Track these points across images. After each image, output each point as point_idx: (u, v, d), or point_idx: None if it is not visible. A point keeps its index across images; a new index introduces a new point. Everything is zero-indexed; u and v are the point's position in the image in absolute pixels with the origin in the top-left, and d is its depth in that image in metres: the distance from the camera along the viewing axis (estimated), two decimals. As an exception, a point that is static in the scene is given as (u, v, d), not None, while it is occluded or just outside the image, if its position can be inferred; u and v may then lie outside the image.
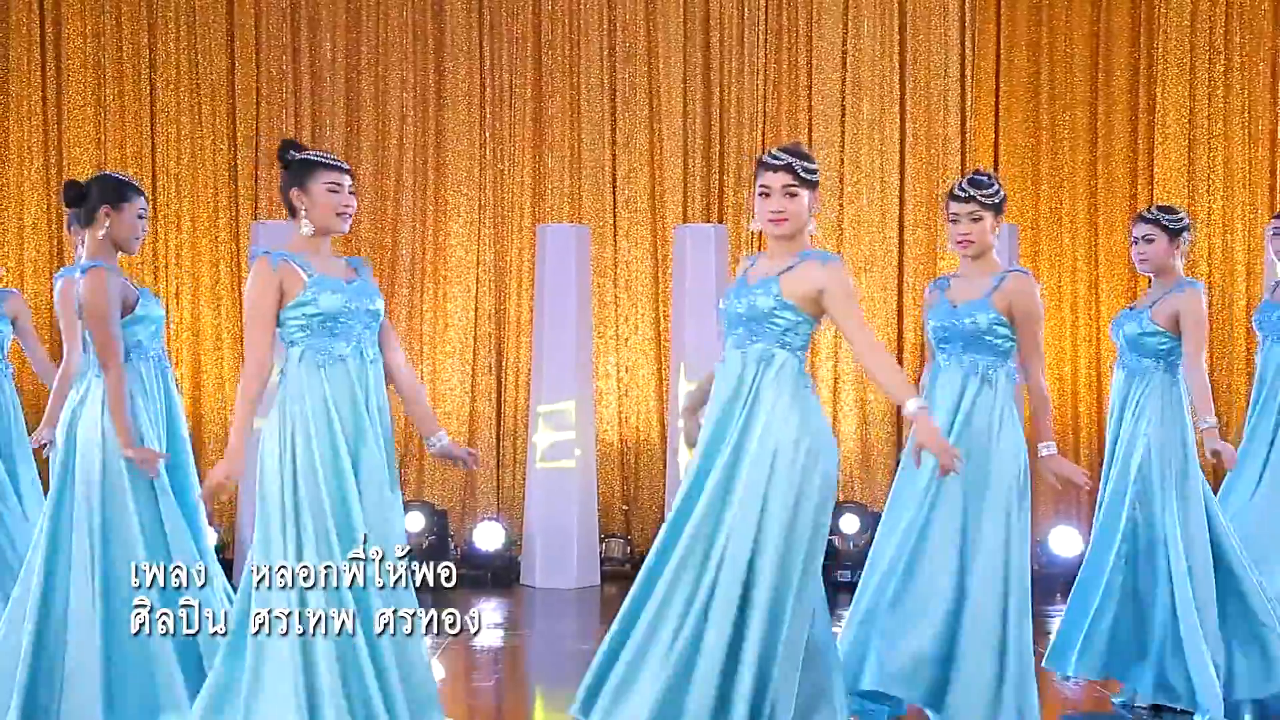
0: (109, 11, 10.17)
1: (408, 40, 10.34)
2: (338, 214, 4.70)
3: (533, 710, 6.43)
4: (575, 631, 8.07)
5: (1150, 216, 5.81)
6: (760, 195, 4.60)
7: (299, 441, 4.58)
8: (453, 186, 10.29)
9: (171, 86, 10.21)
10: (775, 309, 4.52)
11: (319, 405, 4.59)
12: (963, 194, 5.11)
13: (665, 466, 9.76)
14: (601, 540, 9.70)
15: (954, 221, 5.14)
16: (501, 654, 7.44)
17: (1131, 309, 5.91)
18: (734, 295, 4.62)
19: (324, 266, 4.69)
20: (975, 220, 5.10)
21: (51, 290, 9.59)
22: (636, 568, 9.63)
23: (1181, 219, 5.80)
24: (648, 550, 10.00)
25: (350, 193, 4.73)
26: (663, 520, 9.57)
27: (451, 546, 9.60)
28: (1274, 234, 6.61)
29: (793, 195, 4.57)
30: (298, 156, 4.72)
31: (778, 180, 4.57)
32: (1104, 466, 5.93)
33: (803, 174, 4.57)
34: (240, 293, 9.50)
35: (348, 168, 4.79)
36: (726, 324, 4.63)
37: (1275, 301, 6.65)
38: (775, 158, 4.60)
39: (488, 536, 9.54)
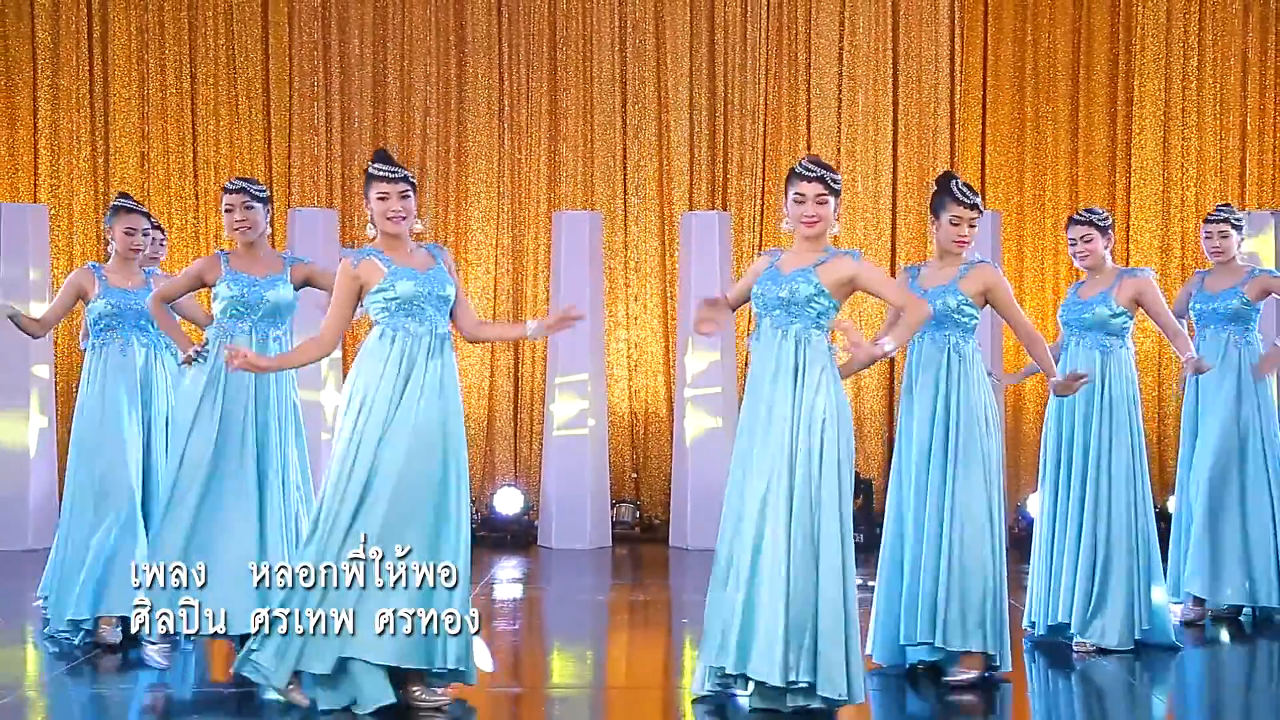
0: (152, 10, 10.81)
1: (431, 38, 10.95)
2: (387, 219, 5.35)
3: (550, 653, 7.07)
4: (589, 587, 8.72)
5: (1084, 218, 6.55)
6: (795, 201, 5.35)
7: (364, 398, 5.26)
8: (473, 175, 10.93)
9: (210, 80, 10.85)
10: (814, 295, 5.28)
11: (391, 370, 5.26)
12: (970, 202, 5.79)
13: (672, 436, 10.39)
14: (613, 505, 10.33)
15: (955, 225, 5.80)
16: (521, 605, 8.16)
17: (1084, 298, 6.58)
18: (771, 282, 5.34)
19: (403, 259, 5.36)
20: (973, 226, 5.83)
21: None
22: (645, 531, 10.47)
23: (1108, 216, 6.57)
24: (656, 514, 10.71)
25: (402, 196, 5.32)
26: (669, 486, 10.26)
27: (473, 511, 10.28)
28: (1208, 235, 7.23)
29: (823, 203, 5.33)
30: (367, 170, 5.39)
31: (812, 189, 5.33)
32: (1071, 434, 6.61)
33: (833, 184, 5.35)
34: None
35: (397, 176, 5.33)
36: (763, 307, 5.35)
37: (1206, 292, 7.24)
38: (809, 169, 5.36)
39: (507, 501, 10.20)
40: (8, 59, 10.76)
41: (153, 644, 6.06)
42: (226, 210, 6.08)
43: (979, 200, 5.86)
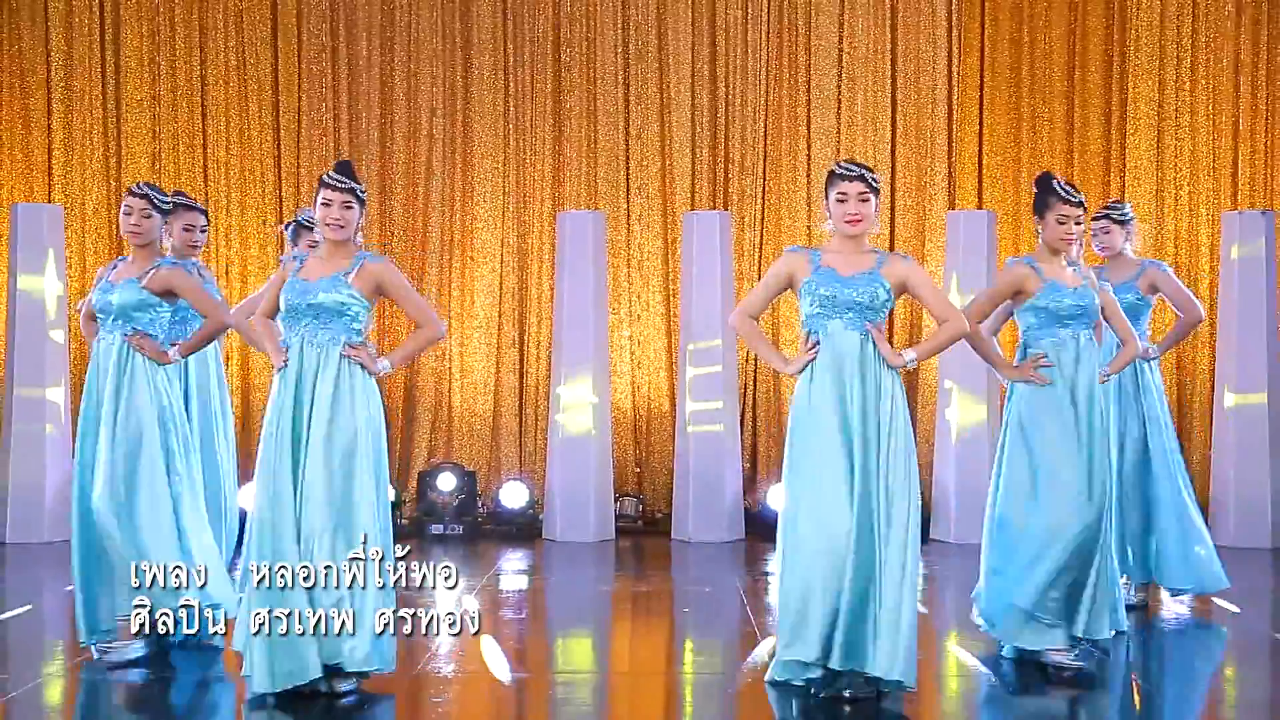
0: (163, 13, 11.02)
1: (437, 40, 11.15)
2: (326, 224, 5.62)
3: (555, 641, 7.25)
4: (593, 578, 8.88)
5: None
6: (837, 201, 5.53)
7: (269, 409, 5.60)
8: (479, 175, 11.13)
9: (220, 82, 11.06)
10: (887, 298, 5.52)
11: (280, 380, 5.56)
12: (1077, 200, 5.97)
13: (674, 431, 10.56)
14: (616, 499, 10.48)
15: (1062, 223, 5.93)
16: (526, 595, 8.34)
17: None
18: (836, 284, 5.50)
19: (316, 270, 5.61)
20: (1079, 224, 6.00)
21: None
22: (648, 524, 10.65)
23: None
24: (658, 508, 10.88)
25: (344, 206, 5.57)
26: (671, 481, 10.44)
27: (479, 504, 10.49)
28: (1094, 232, 7.38)
29: (865, 200, 5.52)
30: (321, 176, 5.65)
31: (854, 188, 5.52)
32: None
33: (874, 183, 5.55)
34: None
35: (343, 187, 5.58)
36: (834, 308, 5.50)
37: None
38: (849, 169, 5.54)
39: (513, 495, 10.39)
40: (22, 62, 10.96)
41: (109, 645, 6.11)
42: (125, 213, 6.19)
43: (1083, 198, 6.04)
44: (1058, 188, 5.99)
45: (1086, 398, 6.01)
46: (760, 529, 9.96)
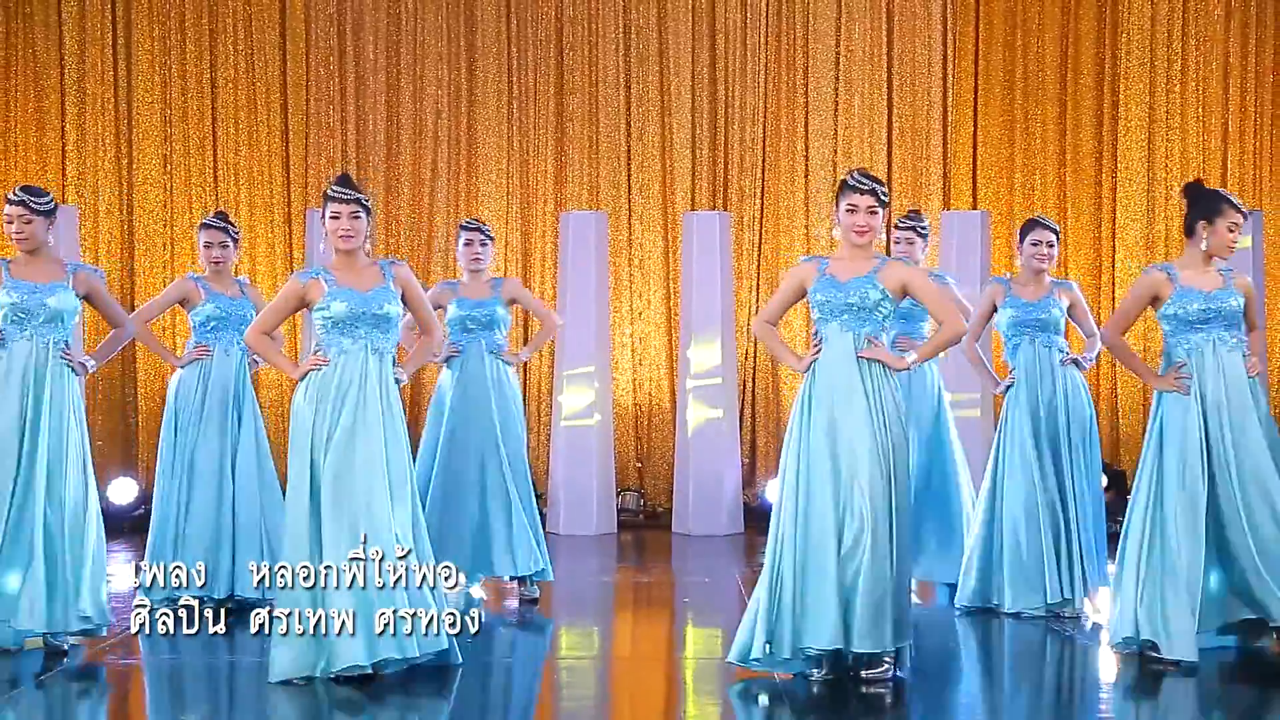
0: (174, 18, 11.21)
1: (443, 43, 11.34)
2: (339, 236, 5.76)
3: (559, 628, 7.41)
4: (595, 569, 9.09)
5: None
6: (847, 211, 5.73)
7: (308, 414, 5.66)
8: (483, 175, 11.32)
9: (230, 85, 11.25)
10: (881, 300, 5.70)
11: (326, 387, 5.64)
12: (1245, 210, 6.12)
13: (675, 427, 10.76)
14: (618, 493, 10.69)
15: (1232, 231, 6.05)
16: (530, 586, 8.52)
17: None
18: (834, 289, 5.70)
19: (348, 279, 5.73)
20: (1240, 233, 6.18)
21: (124, 270, 10.79)
22: (649, 518, 10.82)
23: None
24: (659, 502, 11.04)
25: (352, 216, 5.71)
26: (672, 475, 10.62)
27: (484, 498, 10.66)
28: (897, 240, 7.57)
29: (873, 213, 5.72)
30: (325, 191, 5.80)
31: (864, 201, 5.72)
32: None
33: (883, 196, 5.75)
34: (293, 273, 10.52)
35: (349, 198, 5.72)
36: (830, 312, 5.70)
37: None
38: (861, 182, 5.71)
39: (516, 489, 10.57)
40: (35, 65, 11.16)
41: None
42: (7, 221, 6.12)
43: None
44: (1230, 197, 6.07)
45: (1214, 405, 5.98)
46: (759, 522, 10.14)
